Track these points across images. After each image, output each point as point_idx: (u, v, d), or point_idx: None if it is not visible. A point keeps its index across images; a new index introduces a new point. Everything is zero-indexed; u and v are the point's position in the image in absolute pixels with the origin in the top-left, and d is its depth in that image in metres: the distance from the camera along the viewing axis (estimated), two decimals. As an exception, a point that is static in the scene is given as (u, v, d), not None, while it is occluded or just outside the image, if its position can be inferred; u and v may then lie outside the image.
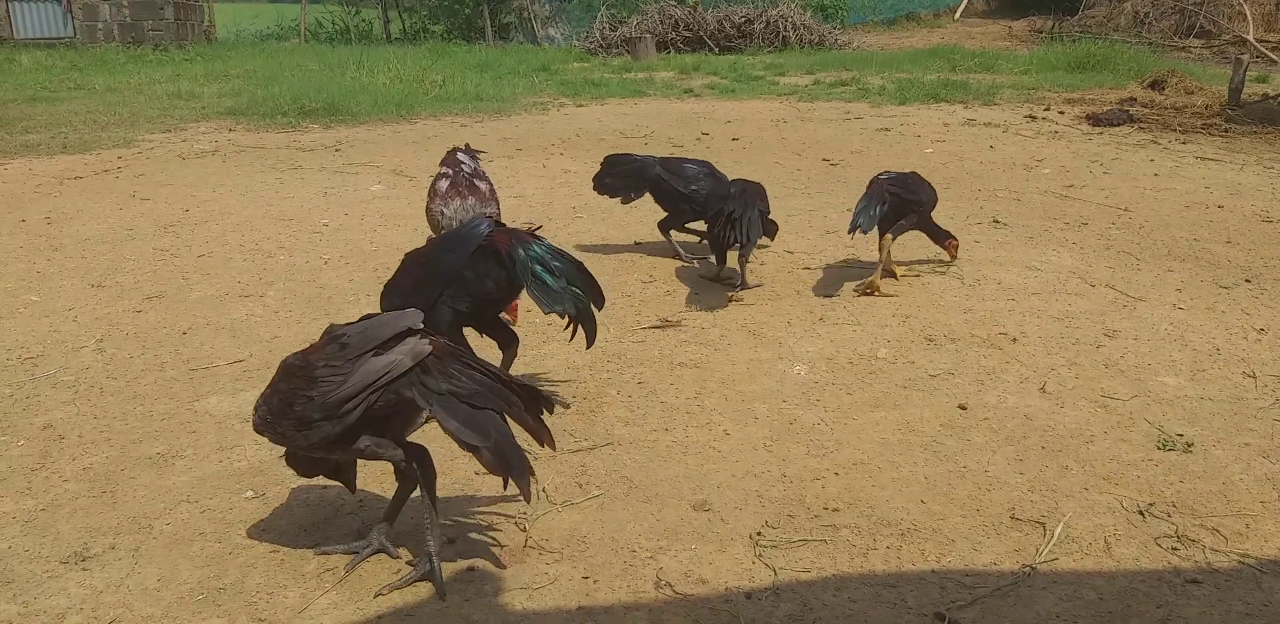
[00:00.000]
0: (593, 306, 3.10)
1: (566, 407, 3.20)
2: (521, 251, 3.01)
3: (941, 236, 4.61)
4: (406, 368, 2.19)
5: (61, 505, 2.66)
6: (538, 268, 2.99)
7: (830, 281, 4.56)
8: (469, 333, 3.19)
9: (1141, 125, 9.16)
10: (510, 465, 2.16)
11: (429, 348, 2.22)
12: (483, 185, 3.92)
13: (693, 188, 4.73)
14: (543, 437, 2.25)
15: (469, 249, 3.03)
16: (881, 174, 4.51)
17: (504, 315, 3.74)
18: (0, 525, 2.56)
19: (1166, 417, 3.19)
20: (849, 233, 4.21)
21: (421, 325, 2.27)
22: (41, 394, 3.36)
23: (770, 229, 4.53)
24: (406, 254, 3.25)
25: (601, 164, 5.04)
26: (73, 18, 17.59)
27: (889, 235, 4.35)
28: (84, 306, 3.41)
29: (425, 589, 2.29)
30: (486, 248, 3.02)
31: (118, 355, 3.66)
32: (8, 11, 17.31)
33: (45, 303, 4.25)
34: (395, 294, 3.14)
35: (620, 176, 4.96)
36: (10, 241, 5.21)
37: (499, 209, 4.07)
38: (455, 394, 2.19)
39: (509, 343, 3.25)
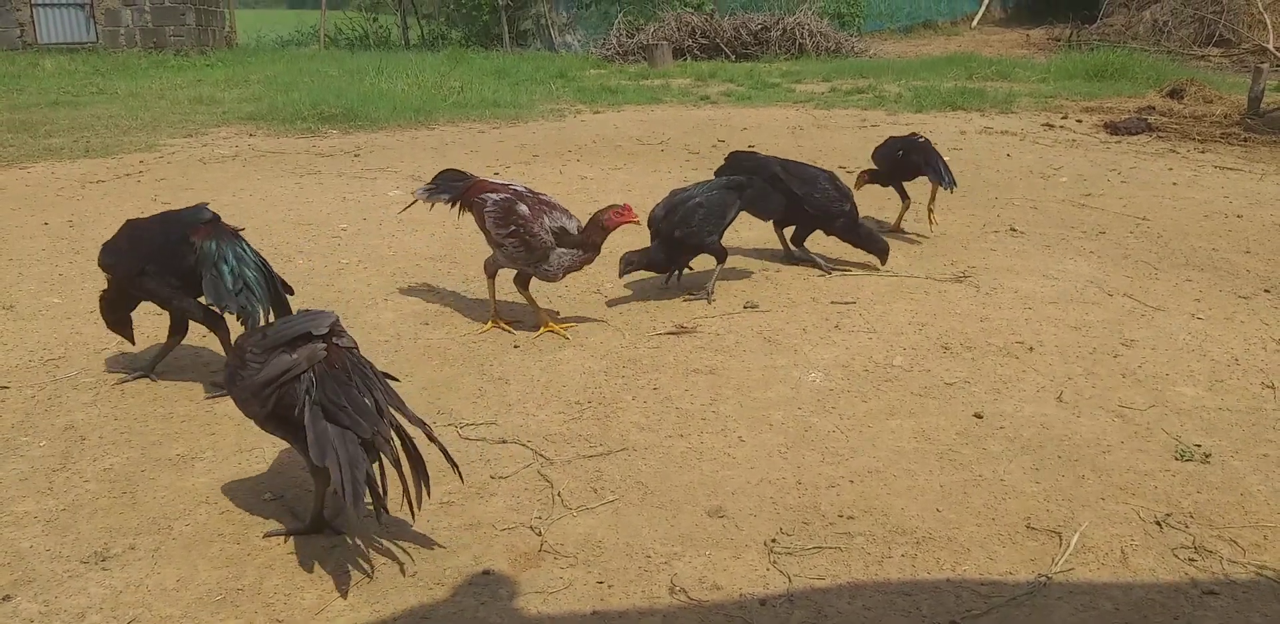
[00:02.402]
0: (265, 316, 3.23)
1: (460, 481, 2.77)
2: (212, 245, 3.23)
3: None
4: (302, 370, 2.32)
5: (82, 505, 2.69)
6: (224, 266, 3.20)
7: (846, 289, 4.56)
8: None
9: (1160, 134, 9.12)
10: (346, 491, 2.20)
11: (323, 354, 2.33)
12: (546, 198, 3.90)
13: (809, 190, 4.78)
14: (405, 480, 2.35)
15: (179, 231, 3.29)
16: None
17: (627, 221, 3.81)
18: (22, 525, 2.59)
19: (1184, 427, 3.17)
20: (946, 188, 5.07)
21: (326, 330, 2.37)
22: (63, 395, 3.40)
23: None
24: (128, 220, 3.47)
25: (725, 159, 5.12)
26: (95, 23, 17.78)
27: None
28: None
29: (441, 591, 2.31)
30: (187, 233, 3.25)
31: (139, 358, 3.69)
32: (32, 17, 17.52)
33: (67, 305, 4.30)
34: (108, 253, 3.41)
35: (742, 172, 5.00)
36: (33, 244, 5.27)
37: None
38: (324, 407, 2.28)
39: (178, 330, 3.50)
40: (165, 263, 3.30)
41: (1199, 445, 3.03)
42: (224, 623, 2.20)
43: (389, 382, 2.48)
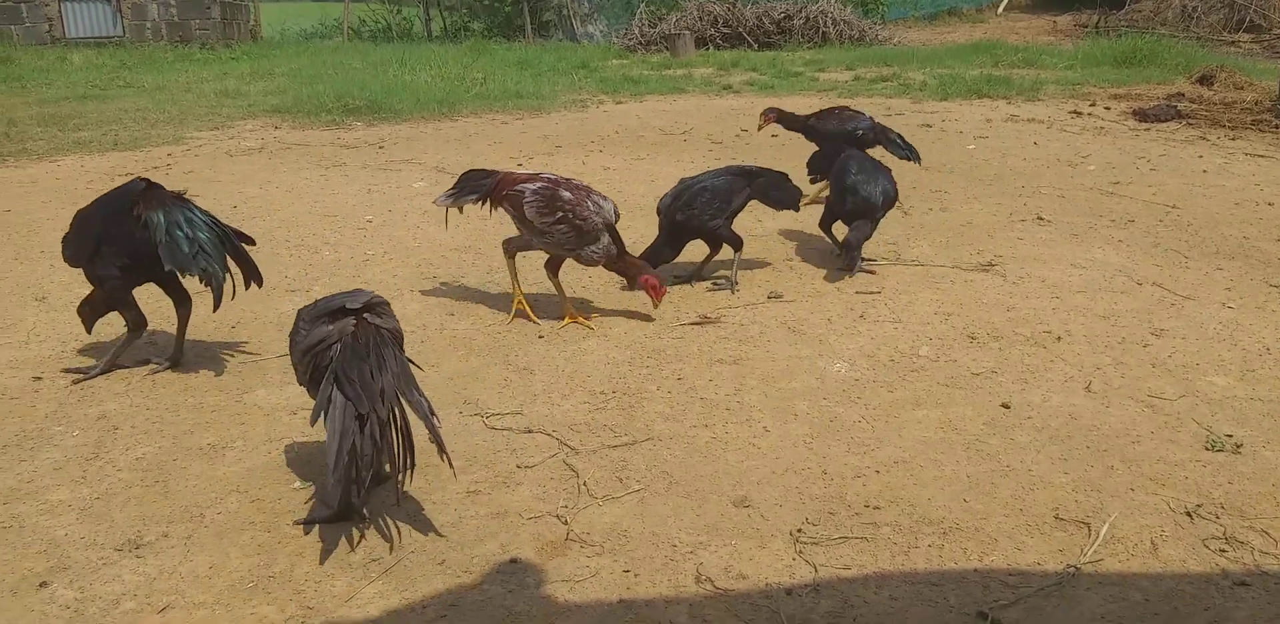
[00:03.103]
0: (227, 274, 3.32)
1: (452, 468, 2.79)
2: (159, 215, 3.24)
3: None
4: (334, 341, 2.47)
5: (116, 494, 2.73)
6: (177, 232, 3.22)
7: (871, 279, 4.54)
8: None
9: (1189, 121, 8.99)
10: (329, 460, 2.31)
11: (351, 328, 2.48)
12: (579, 182, 3.93)
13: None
14: (395, 462, 2.43)
15: (116, 208, 3.32)
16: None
17: (650, 297, 3.97)
18: (57, 513, 2.63)
19: (1215, 417, 3.14)
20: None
21: (359, 306, 2.53)
22: (96, 385, 3.45)
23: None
24: (78, 211, 3.48)
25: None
26: (122, 17, 17.93)
27: None
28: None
29: (469, 579, 2.33)
30: (130, 208, 3.27)
31: (169, 348, 3.73)
32: (60, 11, 17.69)
33: (98, 297, 4.35)
34: (65, 245, 3.47)
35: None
36: (64, 237, 5.33)
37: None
38: (337, 377, 2.40)
39: (181, 302, 3.54)
40: (116, 242, 3.32)
41: (1230, 435, 3.00)
42: (256, 609, 2.23)
43: (411, 368, 2.53)
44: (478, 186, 4.05)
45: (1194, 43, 15.61)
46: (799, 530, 2.53)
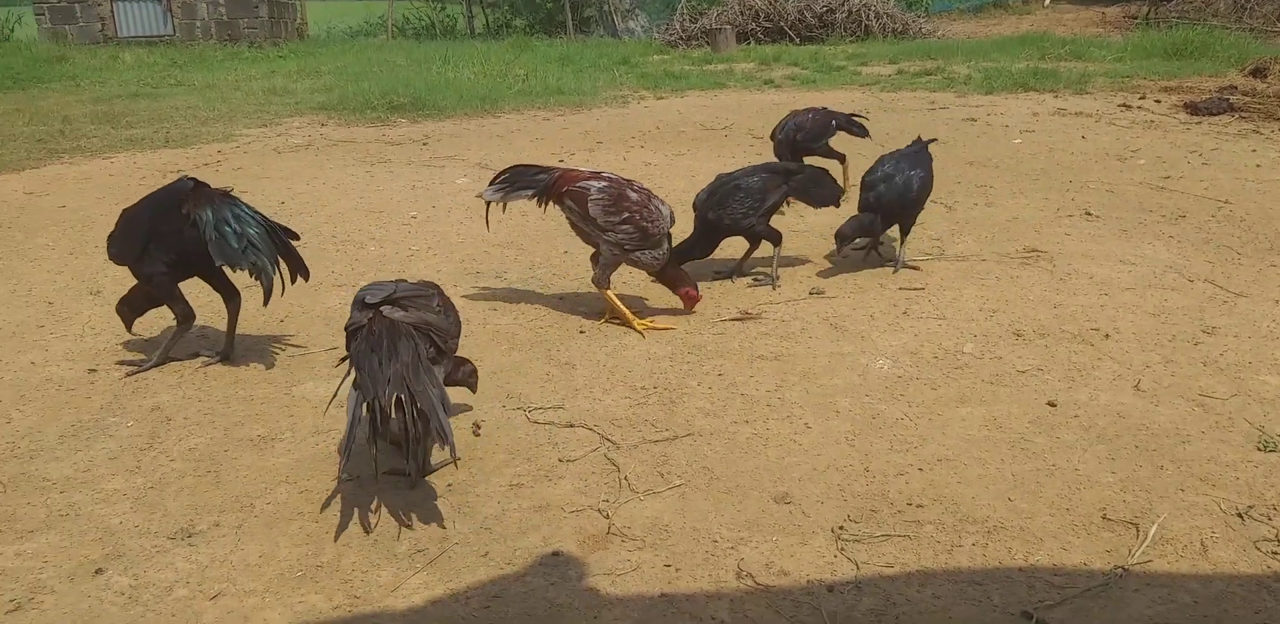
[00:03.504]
0: (276, 269, 3.39)
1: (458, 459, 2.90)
2: (208, 212, 3.30)
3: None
4: (361, 326, 2.63)
5: (169, 484, 2.79)
6: (225, 228, 3.29)
7: (915, 274, 4.51)
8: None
9: (1242, 114, 8.78)
10: (342, 442, 2.51)
11: (364, 321, 2.63)
12: (640, 184, 3.90)
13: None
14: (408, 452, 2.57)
15: (164, 207, 3.38)
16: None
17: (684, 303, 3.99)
18: (112, 502, 2.70)
19: (1268, 417, 3.08)
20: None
21: (377, 300, 2.66)
22: (150, 377, 3.53)
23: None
24: (124, 210, 3.54)
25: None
26: (172, 16, 18.26)
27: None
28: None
29: (512, 571, 2.36)
30: (178, 206, 3.34)
31: (219, 342, 3.81)
32: (112, 11, 18.06)
33: (151, 291, 4.45)
34: (111, 244, 3.55)
35: None
36: (118, 232, 5.46)
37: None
38: (355, 359, 2.56)
39: (230, 297, 3.62)
40: (164, 240, 3.40)
41: (1284, 436, 2.94)
42: (304, 598, 2.27)
43: (426, 363, 2.59)
44: (533, 182, 3.90)
45: (1247, 34, 15.24)
46: (841, 528, 2.52)
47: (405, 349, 2.55)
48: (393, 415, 2.48)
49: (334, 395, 2.85)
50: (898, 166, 4.47)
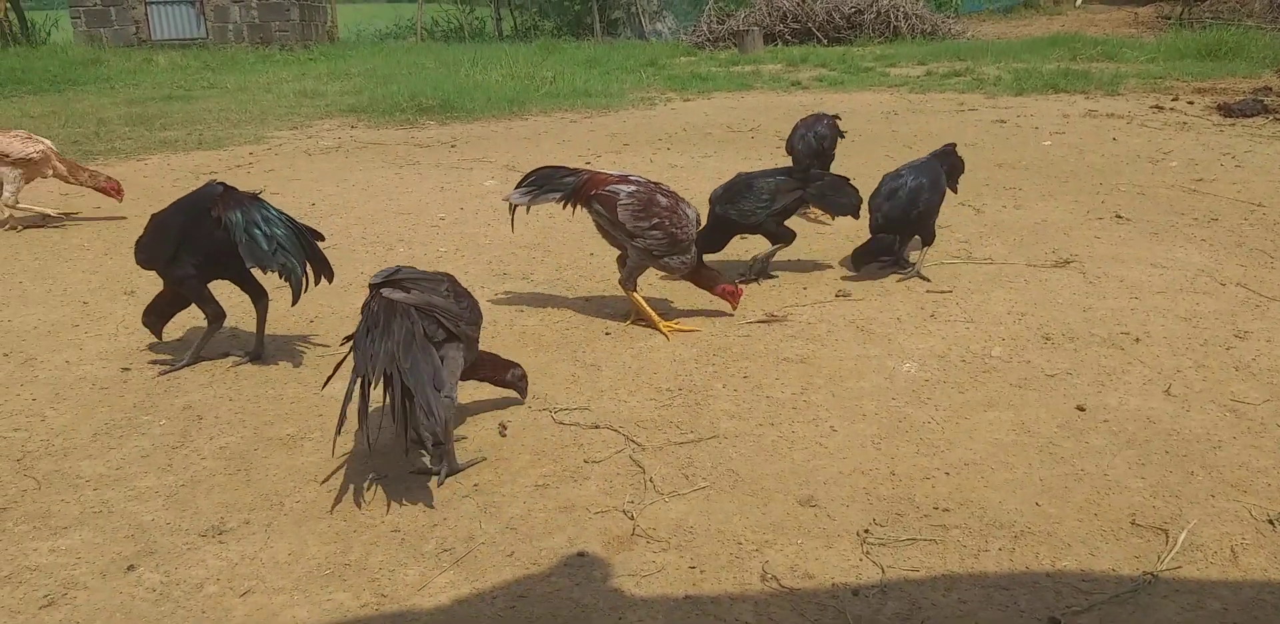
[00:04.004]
0: (304, 271, 3.42)
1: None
2: (237, 215, 3.35)
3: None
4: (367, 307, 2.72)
5: (200, 481, 2.83)
6: (255, 231, 3.34)
7: (942, 277, 4.48)
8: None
9: (1277, 116, 8.66)
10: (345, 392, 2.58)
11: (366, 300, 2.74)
12: (668, 188, 3.89)
13: None
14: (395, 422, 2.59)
15: (193, 211, 3.43)
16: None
17: (728, 303, 4.02)
18: (144, 499, 2.74)
19: (1302, 423, 3.03)
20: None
21: (379, 281, 2.75)
22: (182, 377, 3.58)
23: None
24: (152, 215, 3.58)
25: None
26: (205, 20, 18.51)
27: None
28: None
29: (537, 571, 2.37)
30: (208, 210, 3.38)
31: (250, 342, 3.86)
32: (146, 14, 18.32)
33: (183, 291, 4.51)
34: (140, 250, 3.60)
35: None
36: (151, 233, 5.54)
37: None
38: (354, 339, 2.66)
39: (258, 297, 3.67)
40: (194, 244, 3.45)
41: (1318, 442, 2.90)
42: (333, 596, 2.30)
43: (419, 338, 2.63)
44: (560, 185, 3.85)
45: (1284, 34, 15.02)
46: (866, 531, 2.51)
47: (399, 327, 2.60)
48: (381, 390, 2.57)
49: (332, 373, 2.93)
50: (899, 181, 4.42)
